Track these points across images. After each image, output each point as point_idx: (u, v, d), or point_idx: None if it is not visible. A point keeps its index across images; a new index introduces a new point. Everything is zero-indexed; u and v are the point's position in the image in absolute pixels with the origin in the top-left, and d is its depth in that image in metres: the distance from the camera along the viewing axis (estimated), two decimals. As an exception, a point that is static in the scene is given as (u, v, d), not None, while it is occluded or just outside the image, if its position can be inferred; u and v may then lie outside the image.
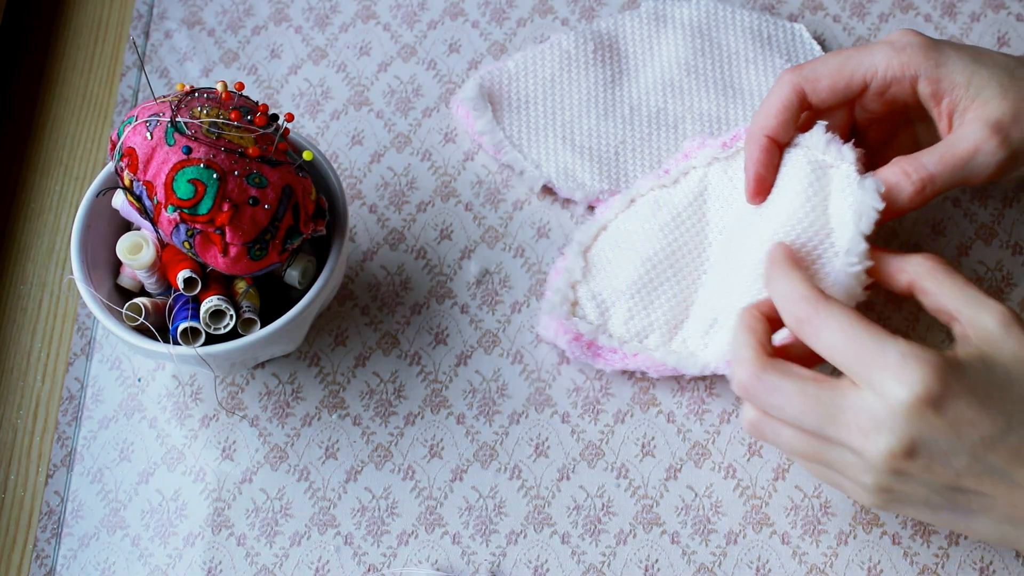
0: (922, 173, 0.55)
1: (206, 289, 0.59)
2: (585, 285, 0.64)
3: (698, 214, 0.64)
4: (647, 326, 0.63)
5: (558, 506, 0.61)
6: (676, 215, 0.64)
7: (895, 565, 0.60)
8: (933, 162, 0.56)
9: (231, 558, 0.61)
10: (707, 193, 0.64)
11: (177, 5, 0.77)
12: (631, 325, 0.63)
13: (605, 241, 0.65)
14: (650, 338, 0.63)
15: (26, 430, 0.65)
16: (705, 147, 0.64)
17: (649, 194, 0.65)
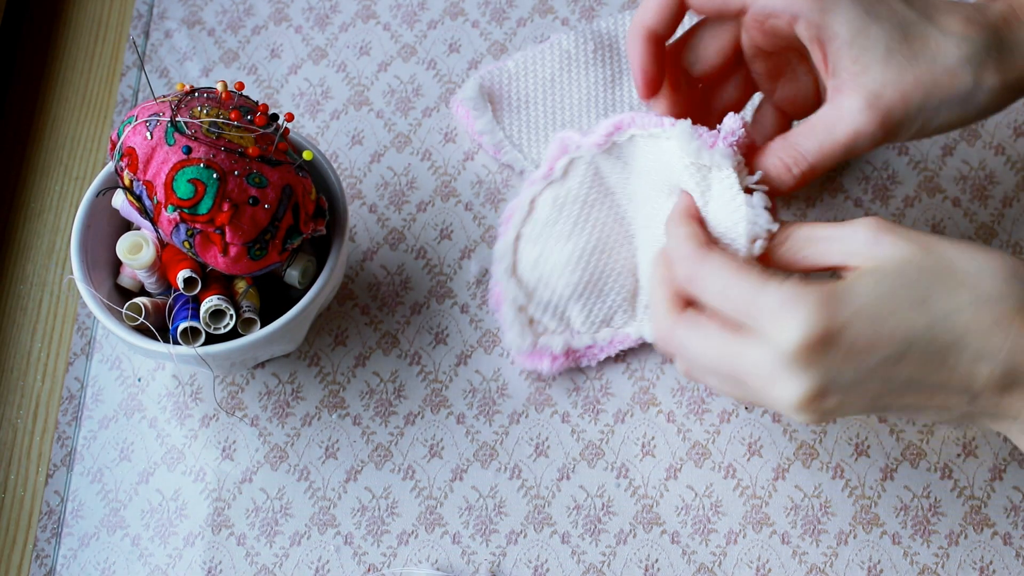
0: (803, 166, 0.53)
1: (206, 289, 0.59)
2: (532, 303, 0.63)
3: (604, 192, 0.61)
4: (608, 311, 0.63)
5: (558, 506, 0.61)
6: (583, 203, 0.61)
7: (895, 565, 0.60)
8: (812, 151, 0.52)
9: (231, 558, 0.61)
10: (602, 172, 0.61)
11: (177, 5, 0.77)
12: (593, 317, 0.63)
13: (525, 254, 0.63)
14: (615, 318, 0.63)
15: (26, 430, 0.65)
16: (584, 141, 0.60)
17: (545, 194, 0.62)
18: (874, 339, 0.46)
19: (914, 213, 0.68)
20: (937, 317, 0.46)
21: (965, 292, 0.47)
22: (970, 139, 0.71)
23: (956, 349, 0.47)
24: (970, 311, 0.46)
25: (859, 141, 0.52)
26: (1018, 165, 0.70)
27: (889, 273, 0.47)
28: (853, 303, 0.46)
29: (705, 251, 0.50)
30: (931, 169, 0.70)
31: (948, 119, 0.53)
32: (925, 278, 0.47)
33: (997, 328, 0.46)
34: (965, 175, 0.70)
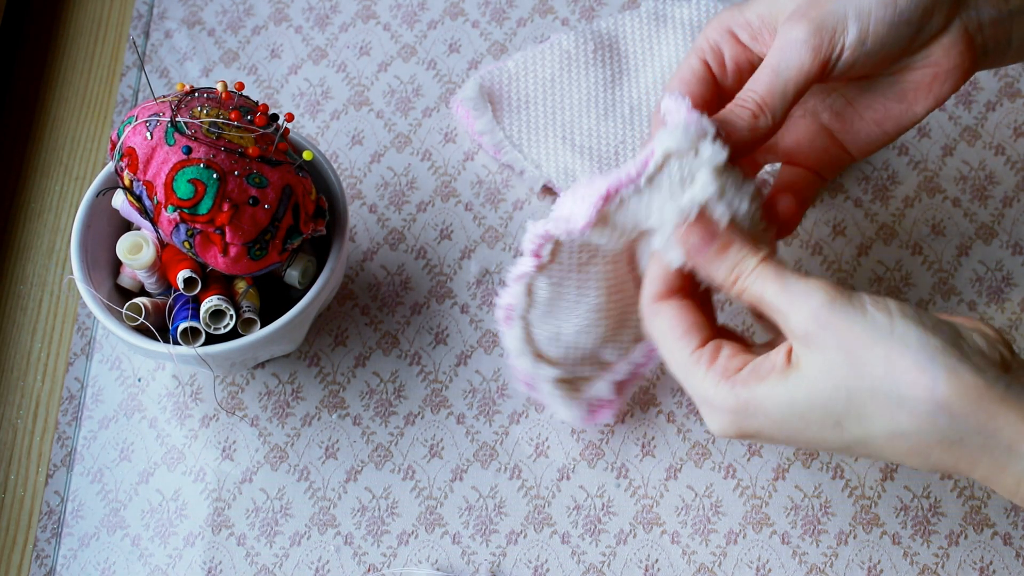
0: (755, 100, 0.53)
1: (206, 289, 0.59)
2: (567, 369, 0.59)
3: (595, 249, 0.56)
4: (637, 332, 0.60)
5: (558, 506, 0.61)
6: (580, 269, 0.57)
7: (895, 565, 0.60)
8: (764, 88, 0.53)
9: (231, 558, 0.61)
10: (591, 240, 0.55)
11: (177, 5, 0.77)
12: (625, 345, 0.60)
13: (542, 335, 0.58)
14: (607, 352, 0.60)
15: (26, 430, 0.65)
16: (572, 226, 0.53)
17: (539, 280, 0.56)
18: (788, 440, 0.48)
19: (914, 213, 0.68)
20: (849, 439, 0.47)
21: (880, 422, 0.46)
22: (970, 139, 0.71)
23: (877, 456, 0.47)
24: (883, 440, 0.46)
25: (793, 51, 0.53)
26: (1018, 165, 0.70)
27: (807, 388, 0.47)
28: (764, 418, 0.47)
29: (655, 307, 0.52)
30: (931, 169, 0.70)
31: (884, 31, 0.53)
32: (841, 401, 0.46)
33: (913, 455, 0.46)
34: (965, 175, 0.70)
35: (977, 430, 0.44)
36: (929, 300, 0.66)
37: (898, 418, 0.45)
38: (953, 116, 0.71)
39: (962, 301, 0.66)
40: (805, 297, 0.47)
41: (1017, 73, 0.73)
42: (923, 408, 0.44)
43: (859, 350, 0.45)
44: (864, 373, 0.45)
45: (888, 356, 0.45)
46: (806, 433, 0.47)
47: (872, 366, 0.45)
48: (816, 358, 0.46)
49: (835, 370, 0.46)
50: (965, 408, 0.44)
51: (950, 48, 0.55)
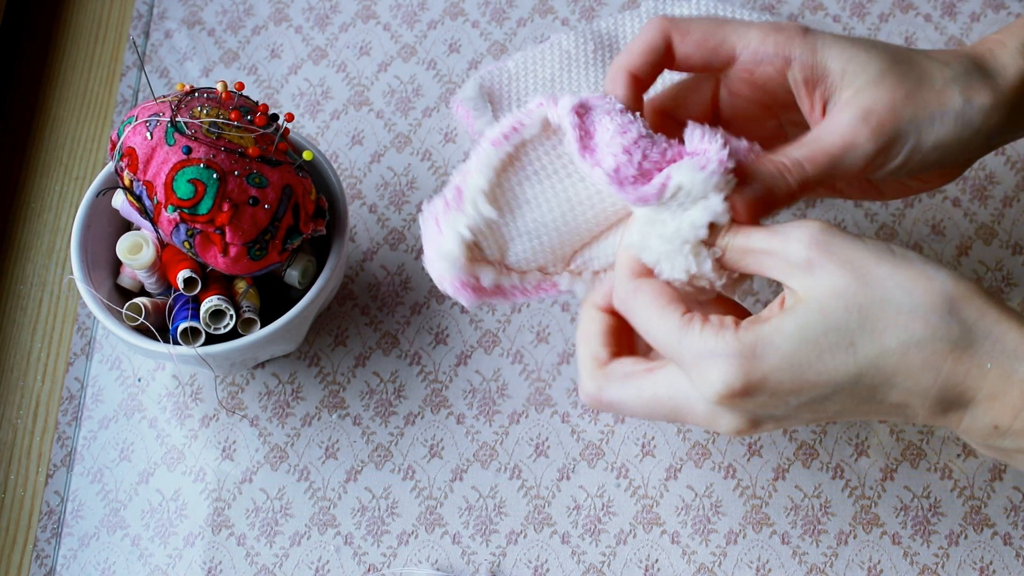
0: (798, 172, 0.52)
1: (206, 289, 0.59)
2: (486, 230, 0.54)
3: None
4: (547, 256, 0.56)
5: (558, 506, 0.61)
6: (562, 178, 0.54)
7: (895, 565, 0.60)
8: (804, 157, 0.52)
9: (231, 558, 0.61)
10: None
11: (177, 5, 0.77)
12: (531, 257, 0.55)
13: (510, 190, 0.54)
14: (549, 266, 0.56)
15: (26, 430, 0.65)
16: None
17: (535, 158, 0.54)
18: (797, 385, 0.47)
19: (914, 213, 0.68)
20: (863, 362, 0.46)
21: (894, 334, 0.46)
22: (970, 139, 0.71)
23: (885, 388, 0.47)
24: (898, 355, 0.46)
25: (850, 153, 0.52)
26: (1018, 165, 0.70)
27: (816, 311, 0.46)
28: (773, 355, 0.46)
29: (636, 283, 0.50)
30: (931, 169, 0.70)
31: (944, 136, 0.52)
32: (854, 318, 0.46)
33: (926, 369, 0.46)
34: (965, 175, 0.70)
35: (986, 334, 0.45)
36: (929, 300, 0.66)
37: (913, 326, 0.45)
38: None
39: (962, 301, 0.66)
40: (799, 229, 0.47)
41: (1017, 73, 0.73)
42: (937, 313, 0.45)
43: (865, 266, 0.46)
44: (874, 287, 0.46)
45: (895, 270, 0.46)
46: (817, 365, 0.46)
47: (881, 280, 0.46)
48: (822, 281, 0.46)
49: (844, 289, 0.46)
50: (973, 312, 0.45)
51: (948, 174, 0.56)
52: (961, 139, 0.53)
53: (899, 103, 0.52)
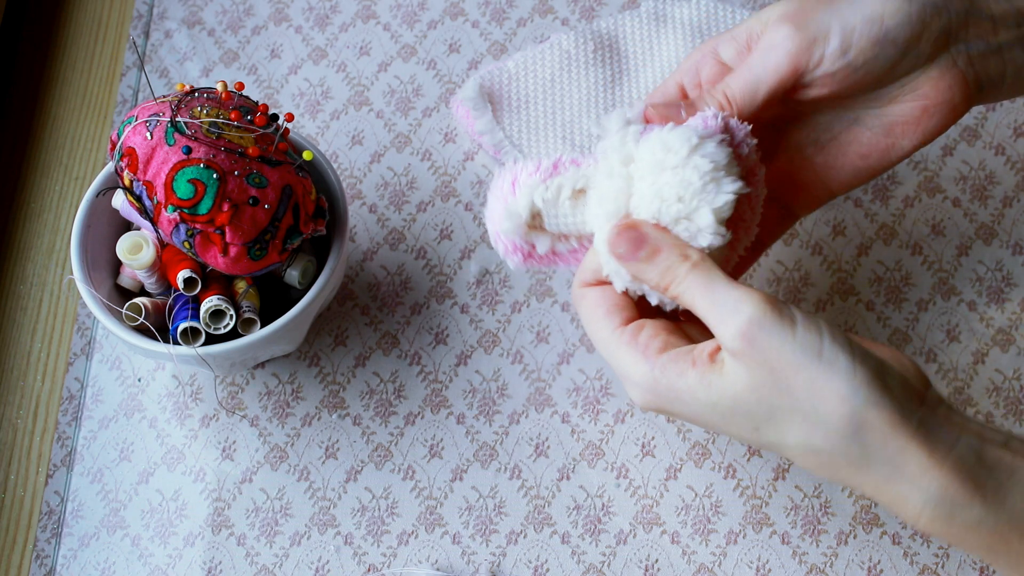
0: (726, 92, 0.54)
1: (206, 289, 0.59)
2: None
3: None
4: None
5: (558, 506, 0.61)
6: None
7: (895, 565, 0.60)
8: (730, 78, 0.54)
9: (231, 558, 0.61)
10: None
11: (177, 5, 0.77)
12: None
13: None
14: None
15: (26, 430, 0.65)
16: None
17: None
18: (707, 427, 0.50)
19: (914, 213, 0.68)
20: (765, 443, 0.48)
21: (796, 436, 0.47)
22: (970, 139, 0.71)
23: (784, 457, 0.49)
24: (797, 452, 0.48)
25: (770, 55, 0.53)
26: (1018, 165, 0.70)
27: (730, 396, 0.47)
28: (685, 406, 0.49)
29: (581, 291, 0.53)
30: (931, 169, 0.70)
31: (871, 10, 0.53)
32: (763, 410, 0.47)
33: (822, 469, 0.48)
34: (965, 175, 0.70)
35: (886, 460, 0.46)
36: (929, 300, 0.66)
37: (814, 436, 0.47)
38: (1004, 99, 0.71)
39: (962, 301, 0.66)
40: (734, 312, 0.47)
41: (1017, 73, 0.73)
42: (838, 433, 0.46)
43: (785, 371, 0.46)
44: (787, 393, 0.46)
45: (813, 381, 0.46)
46: (723, 428, 0.49)
47: (796, 388, 0.46)
48: (742, 371, 0.47)
49: (759, 386, 0.47)
50: (878, 440, 0.46)
51: (939, 80, 0.55)
52: (894, 7, 0.53)
53: (811, 3, 0.54)
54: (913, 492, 0.46)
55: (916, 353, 0.65)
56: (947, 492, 0.45)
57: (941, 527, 0.46)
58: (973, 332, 0.65)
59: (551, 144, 0.70)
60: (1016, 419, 0.63)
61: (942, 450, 0.46)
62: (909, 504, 0.46)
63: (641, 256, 0.50)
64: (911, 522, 0.47)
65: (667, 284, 0.49)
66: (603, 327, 0.51)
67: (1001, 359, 0.65)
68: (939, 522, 0.46)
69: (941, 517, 0.46)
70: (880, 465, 0.46)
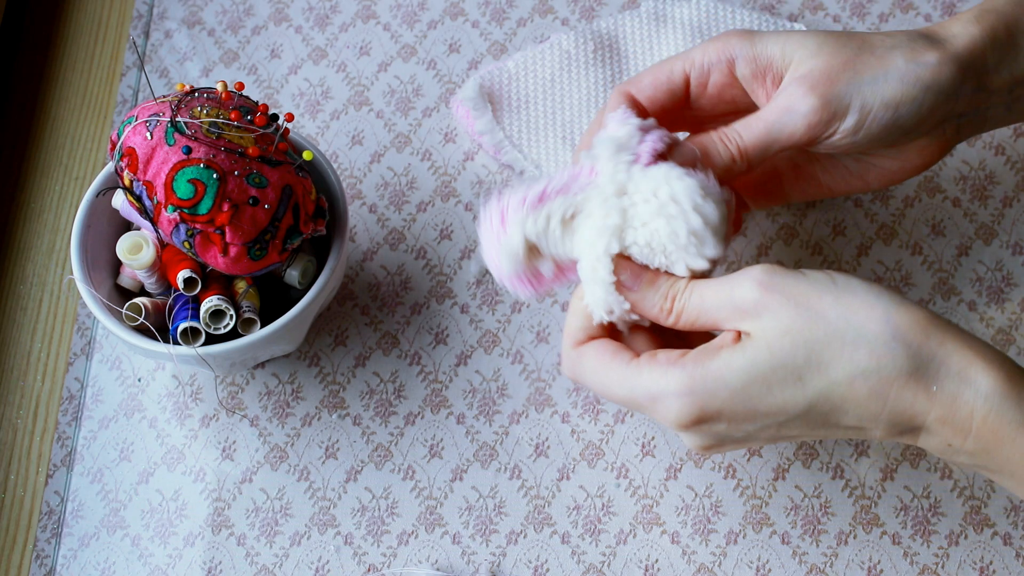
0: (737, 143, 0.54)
1: (206, 289, 0.59)
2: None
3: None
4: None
5: (558, 506, 0.61)
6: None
7: (895, 565, 0.60)
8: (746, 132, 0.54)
9: (231, 558, 0.61)
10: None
11: (177, 5, 0.77)
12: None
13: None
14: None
15: (26, 430, 0.65)
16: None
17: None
18: (751, 415, 0.49)
19: (914, 213, 0.68)
20: (812, 394, 0.48)
21: (841, 366, 0.47)
22: (970, 139, 0.71)
23: (837, 414, 0.48)
24: (845, 386, 0.47)
25: (787, 117, 0.53)
26: (1018, 165, 0.70)
27: (765, 349, 0.48)
28: (723, 390, 0.48)
29: (578, 351, 0.53)
30: (931, 169, 0.70)
31: (890, 93, 0.54)
32: (801, 353, 0.47)
33: (873, 398, 0.47)
34: (965, 175, 0.70)
35: (931, 357, 0.46)
36: (929, 300, 0.66)
37: (857, 357, 0.47)
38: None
39: (962, 301, 0.66)
40: (744, 275, 0.49)
41: (1017, 73, 0.73)
42: (881, 341, 0.46)
43: (810, 301, 0.47)
44: (819, 321, 0.47)
45: (838, 301, 0.47)
46: (768, 399, 0.48)
47: (825, 313, 0.47)
48: (769, 322, 0.47)
49: (791, 326, 0.47)
50: (918, 336, 0.46)
51: (925, 148, 0.57)
52: (911, 97, 0.53)
53: (837, 67, 0.54)
54: (964, 389, 0.46)
55: (916, 353, 0.65)
56: (997, 385, 0.46)
57: (993, 424, 0.46)
58: (973, 332, 0.65)
59: (551, 144, 0.70)
60: (1016, 419, 0.63)
61: (979, 345, 0.47)
62: (961, 403, 0.46)
63: (644, 282, 0.51)
64: (964, 428, 0.46)
65: (672, 299, 0.51)
66: (617, 368, 0.51)
67: (1001, 359, 0.65)
68: (992, 419, 0.46)
69: (994, 412, 0.46)
70: (927, 365, 0.46)
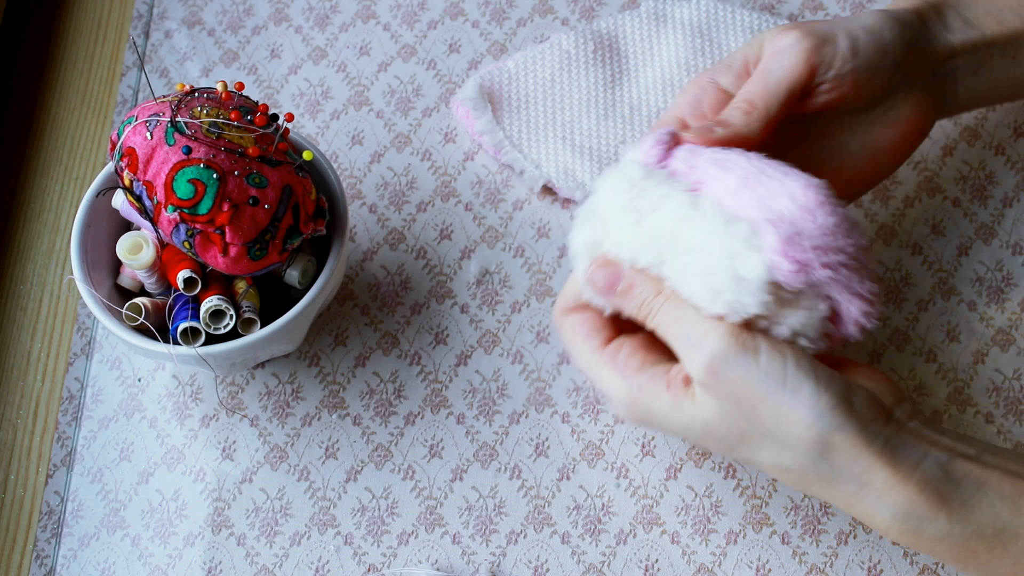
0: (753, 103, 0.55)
1: (206, 289, 0.59)
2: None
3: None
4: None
5: (558, 506, 0.61)
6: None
7: (895, 565, 0.60)
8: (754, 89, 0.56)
9: (231, 558, 0.61)
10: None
11: (177, 5, 0.77)
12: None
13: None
14: None
15: (26, 430, 0.65)
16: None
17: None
18: (683, 437, 0.53)
19: (914, 213, 0.68)
20: (739, 457, 0.52)
21: (767, 456, 0.50)
22: (970, 139, 0.71)
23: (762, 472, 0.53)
24: (769, 467, 0.51)
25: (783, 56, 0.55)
26: (1018, 165, 0.70)
27: (701, 423, 0.50)
28: (663, 426, 0.52)
29: (563, 317, 0.56)
30: (931, 169, 0.70)
31: (870, 23, 0.57)
32: (734, 436, 0.50)
33: (795, 484, 0.51)
34: (965, 175, 0.70)
35: (853, 478, 0.48)
36: (929, 300, 0.66)
37: (783, 457, 0.49)
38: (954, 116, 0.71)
39: (962, 301, 0.66)
40: (699, 346, 0.49)
41: (1017, 73, 0.73)
42: (806, 455, 0.48)
43: (751, 400, 0.48)
44: (755, 421, 0.49)
45: (778, 408, 0.48)
46: (699, 441, 0.52)
47: (763, 416, 0.48)
48: (710, 401, 0.49)
49: (728, 416, 0.49)
50: (845, 460, 0.48)
51: (916, 106, 0.59)
52: (888, 24, 0.57)
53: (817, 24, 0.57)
54: (880, 508, 0.48)
55: (916, 353, 0.65)
56: (913, 507, 0.48)
57: (909, 539, 0.48)
58: (973, 332, 0.65)
59: (551, 144, 0.70)
60: (1016, 419, 0.63)
61: (907, 467, 0.48)
62: (877, 518, 0.49)
63: (619, 290, 0.53)
64: (882, 534, 0.50)
65: (645, 315, 0.52)
66: (584, 349, 0.54)
67: (1001, 359, 0.65)
68: (907, 535, 0.48)
69: (909, 531, 0.48)
70: (848, 483, 0.48)
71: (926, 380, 0.64)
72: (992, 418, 0.63)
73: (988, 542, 0.48)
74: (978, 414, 0.63)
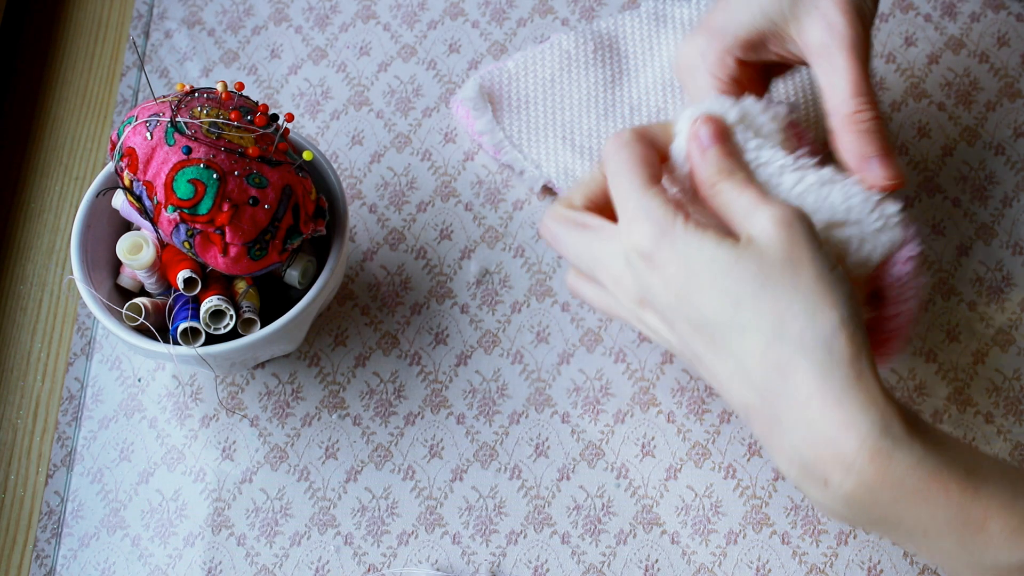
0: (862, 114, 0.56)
1: (206, 289, 0.59)
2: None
3: None
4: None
5: (558, 506, 0.61)
6: None
7: (895, 565, 0.60)
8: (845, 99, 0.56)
9: (231, 558, 0.61)
10: None
11: (177, 5, 0.77)
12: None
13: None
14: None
15: (26, 430, 0.65)
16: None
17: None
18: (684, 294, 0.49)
19: (914, 213, 0.68)
20: (723, 337, 0.48)
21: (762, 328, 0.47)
22: (970, 139, 0.71)
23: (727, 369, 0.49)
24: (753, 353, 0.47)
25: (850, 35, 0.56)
26: (1018, 165, 0.70)
27: (735, 254, 0.48)
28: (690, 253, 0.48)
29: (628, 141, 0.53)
30: (931, 169, 0.70)
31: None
32: (757, 283, 0.47)
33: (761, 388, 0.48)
34: (965, 175, 0.70)
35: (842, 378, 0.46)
36: (929, 300, 0.66)
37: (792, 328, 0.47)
38: (953, 116, 0.71)
39: (962, 301, 0.66)
40: (780, 205, 0.49)
41: (1017, 73, 0.73)
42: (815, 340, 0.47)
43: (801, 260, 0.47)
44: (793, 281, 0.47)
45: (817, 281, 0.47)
46: (695, 303, 0.48)
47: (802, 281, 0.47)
48: (759, 244, 0.48)
49: (771, 260, 0.47)
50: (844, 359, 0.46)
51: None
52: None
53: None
54: (859, 418, 0.45)
55: (916, 353, 0.65)
56: (891, 425, 0.45)
57: (880, 465, 0.45)
58: (973, 332, 0.65)
59: (551, 144, 0.70)
60: (1016, 419, 0.63)
61: (888, 394, 0.46)
62: (852, 432, 0.45)
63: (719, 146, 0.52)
64: (848, 461, 0.45)
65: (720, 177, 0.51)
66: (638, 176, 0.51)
67: (1001, 359, 0.65)
68: (879, 459, 0.45)
69: (883, 452, 0.45)
70: (833, 382, 0.46)
71: (926, 380, 0.64)
72: (992, 418, 0.63)
73: (961, 481, 0.45)
74: (978, 414, 0.63)
